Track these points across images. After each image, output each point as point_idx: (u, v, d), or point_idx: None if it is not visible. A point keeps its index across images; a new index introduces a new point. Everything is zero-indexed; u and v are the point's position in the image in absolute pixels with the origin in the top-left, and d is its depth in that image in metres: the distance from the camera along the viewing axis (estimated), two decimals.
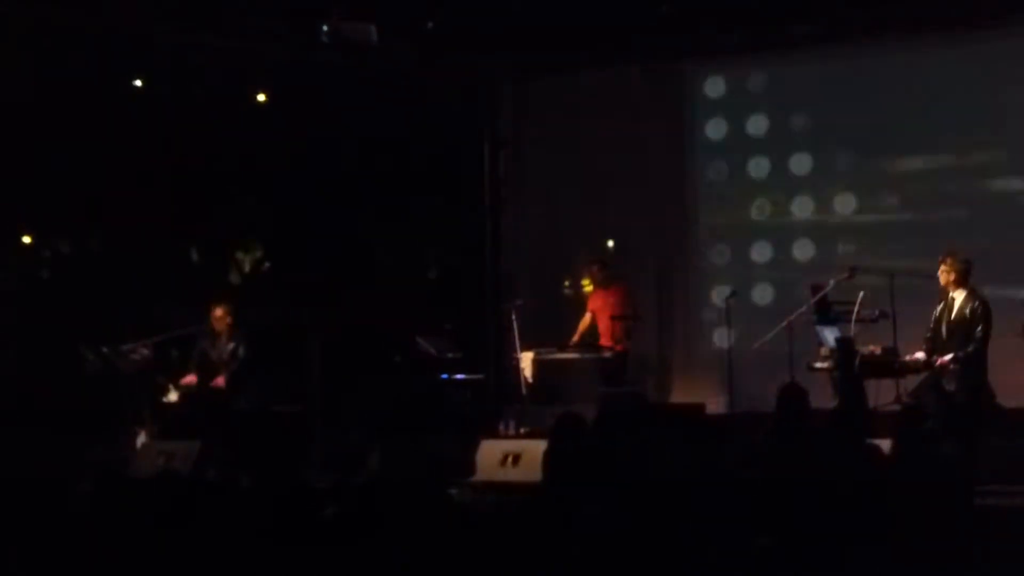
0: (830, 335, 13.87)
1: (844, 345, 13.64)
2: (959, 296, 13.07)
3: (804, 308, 14.45)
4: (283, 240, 19.48)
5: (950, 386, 12.84)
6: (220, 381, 15.40)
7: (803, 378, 13.92)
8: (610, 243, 17.88)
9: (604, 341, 16.30)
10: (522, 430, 15.02)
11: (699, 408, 14.25)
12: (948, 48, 15.96)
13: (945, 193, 16.11)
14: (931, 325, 13.28)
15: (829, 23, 16.10)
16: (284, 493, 7.04)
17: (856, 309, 14.04)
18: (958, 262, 13.14)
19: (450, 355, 16.18)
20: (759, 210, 17.13)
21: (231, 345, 15.55)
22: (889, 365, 13.53)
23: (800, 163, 16.92)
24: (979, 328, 12.91)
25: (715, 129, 17.50)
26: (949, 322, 13.11)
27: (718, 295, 16.32)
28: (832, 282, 14.39)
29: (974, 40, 15.75)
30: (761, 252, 17.10)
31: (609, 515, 6.86)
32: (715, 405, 15.16)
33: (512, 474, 12.81)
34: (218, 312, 15.53)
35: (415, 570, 6.40)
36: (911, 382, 13.50)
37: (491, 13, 15.65)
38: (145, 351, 15.55)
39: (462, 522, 6.91)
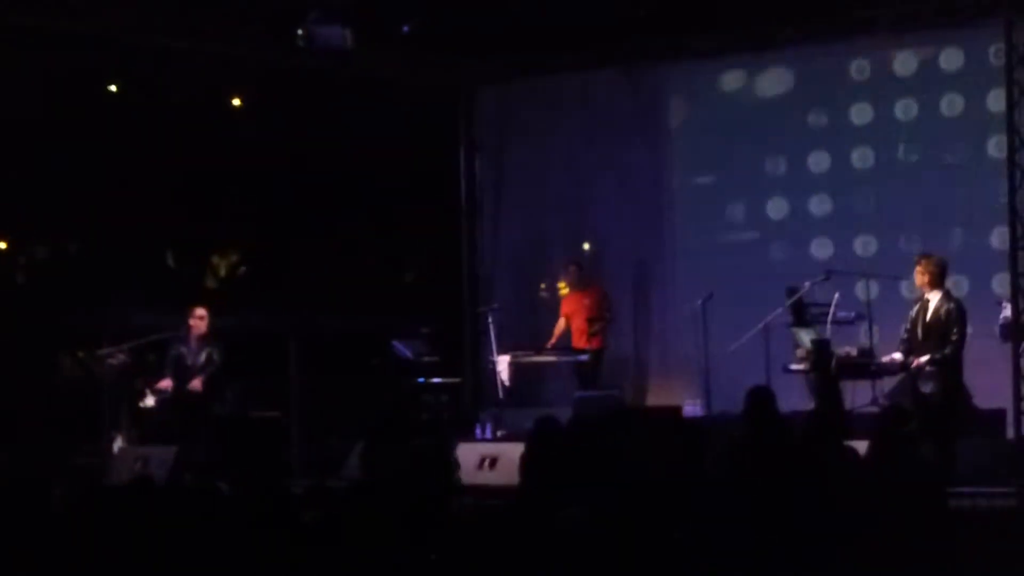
0: (806, 337, 13.89)
1: (820, 347, 13.66)
2: (934, 298, 13.09)
3: (780, 310, 14.48)
4: (260, 245, 19.49)
5: (926, 388, 12.85)
6: (197, 384, 15.34)
7: (779, 380, 13.97)
8: (586, 246, 17.91)
9: (577, 343, 16.33)
10: (499, 433, 15.03)
11: (675, 410, 14.27)
12: (932, 47, 16.01)
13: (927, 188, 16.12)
14: (907, 327, 13.30)
15: (809, 25, 16.11)
16: (263, 498, 7.04)
17: (832, 311, 14.08)
18: (933, 264, 13.16)
19: (427, 359, 16.18)
20: (754, 210, 17.13)
21: (207, 350, 15.49)
22: (865, 367, 13.55)
23: (780, 165, 16.95)
24: (954, 330, 12.93)
25: (694, 132, 17.51)
26: (924, 324, 13.12)
27: (694, 298, 16.32)
28: (808, 284, 14.42)
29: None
30: (739, 253, 17.12)
31: (587, 517, 6.88)
32: (691, 407, 15.18)
33: (489, 477, 12.82)
34: (199, 312, 15.44)
35: (395, 573, 6.40)
36: (887, 383, 13.53)
37: (468, 17, 15.66)
38: (122, 356, 15.52)
39: (445, 524, 6.93)
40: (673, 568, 6.82)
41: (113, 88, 16.84)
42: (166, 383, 15.44)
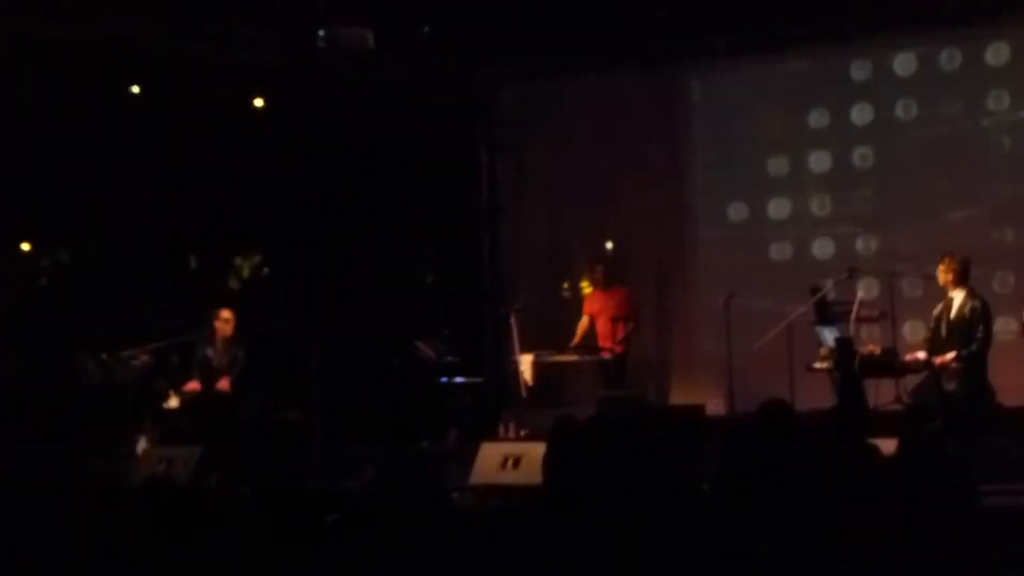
0: (829, 335, 13.87)
1: (843, 345, 13.64)
2: (958, 296, 13.07)
3: (803, 308, 14.45)
4: (282, 246, 19.50)
5: (950, 386, 12.83)
6: (224, 384, 15.43)
7: (802, 378, 13.96)
8: (609, 245, 17.90)
9: (602, 343, 16.31)
10: (522, 432, 15.02)
11: (699, 409, 14.25)
12: (940, 47, 16.04)
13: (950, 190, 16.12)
14: (931, 325, 13.28)
15: (824, 24, 16.12)
16: (285, 500, 7.04)
17: (855, 309, 14.06)
18: (956, 262, 13.14)
19: (449, 359, 16.19)
20: (775, 208, 17.15)
21: (232, 351, 15.57)
22: (889, 365, 13.52)
23: (801, 163, 16.94)
24: (979, 328, 12.90)
25: (714, 130, 17.50)
26: (949, 322, 13.10)
27: (717, 296, 16.31)
28: (831, 282, 14.39)
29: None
30: (761, 252, 17.11)
31: (610, 518, 6.86)
32: (715, 406, 15.16)
33: (512, 477, 12.81)
34: (225, 314, 15.57)
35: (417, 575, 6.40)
36: (911, 382, 13.51)
37: (487, 18, 15.66)
38: (145, 357, 15.58)
39: (463, 526, 6.91)
40: (695, 570, 6.80)
41: (135, 89, 16.88)
42: (193, 385, 15.52)
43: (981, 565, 7.40)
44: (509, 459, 13.21)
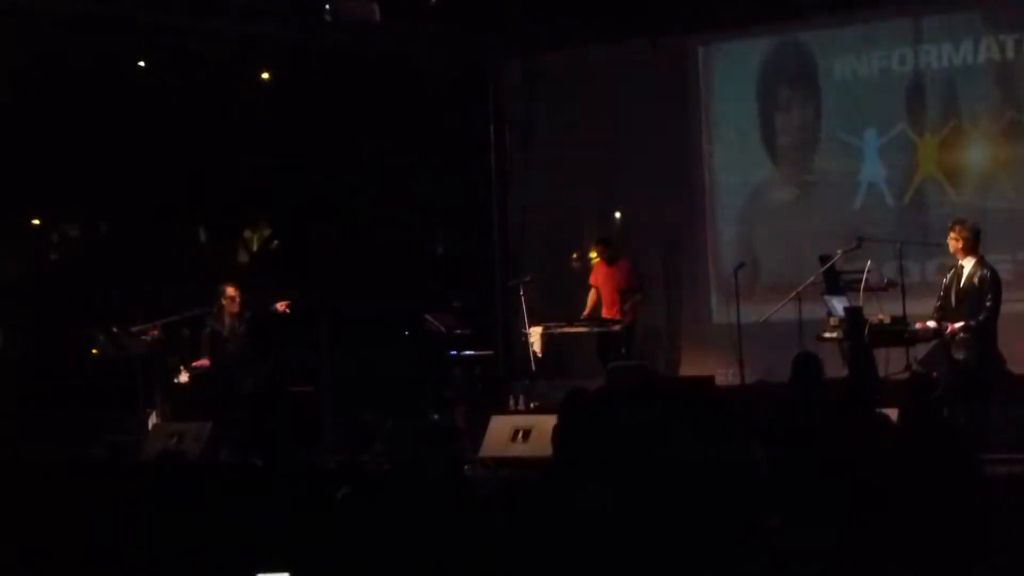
0: (839, 305, 13.84)
1: (853, 315, 13.62)
2: (968, 264, 13.05)
3: (813, 278, 14.44)
4: (292, 220, 19.52)
5: (959, 354, 12.81)
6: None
7: (812, 348, 13.94)
8: (617, 215, 17.90)
9: (607, 313, 16.33)
10: (532, 405, 15.04)
11: (709, 381, 14.24)
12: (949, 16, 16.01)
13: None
14: (940, 293, 13.26)
15: None
16: (296, 474, 7.07)
17: (864, 278, 14.03)
18: (966, 230, 13.10)
19: (459, 332, 16.19)
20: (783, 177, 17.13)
21: (242, 325, 15.58)
22: (898, 334, 13.49)
23: (808, 131, 16.92)
24: (988, 296, 12.88)
25: (722, 101, 17.47)
26: (958, 290, 13.08)
27: (726, 267, 16.30)
28: (840, 252, 14.37)
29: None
30: (770, 224, 17.09)
31: (617, 492, 6.87)
32: (725, 377, 15.16)
33: (522, 449, 12.83)
34: (230, 291, 15.56)
35: (428, 548, 6.42)
36: (921, 350, 13.49)
37: None
38: (155, 332, 15.60)
39: (474, 498, 6.93)
40: (702, 543, 6.81)
41: (142, 64, 16.89)
42: (203, 361, 15.53)
43: (987, 531, 7.42)
44: (519, 431, 13.23)
